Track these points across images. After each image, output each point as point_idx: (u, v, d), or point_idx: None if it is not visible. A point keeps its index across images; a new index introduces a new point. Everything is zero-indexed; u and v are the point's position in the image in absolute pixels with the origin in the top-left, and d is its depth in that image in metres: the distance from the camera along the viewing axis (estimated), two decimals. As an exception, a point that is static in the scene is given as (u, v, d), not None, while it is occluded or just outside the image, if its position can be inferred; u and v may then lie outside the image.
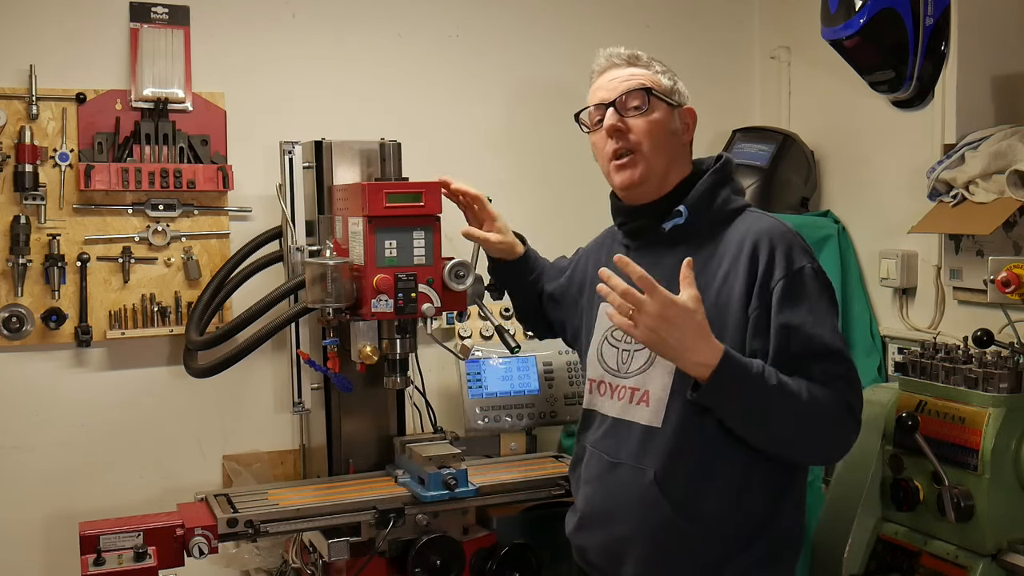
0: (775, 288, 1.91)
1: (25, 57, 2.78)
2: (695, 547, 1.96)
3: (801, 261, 1.94)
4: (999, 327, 2.42)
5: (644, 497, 1.97)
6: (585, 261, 2.33)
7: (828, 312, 1.95)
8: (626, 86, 2.07)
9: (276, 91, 3.05)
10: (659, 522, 1.96)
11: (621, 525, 2.01)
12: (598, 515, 2.07)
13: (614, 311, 1.86)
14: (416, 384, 2.80)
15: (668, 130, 2.08)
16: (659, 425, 1.97)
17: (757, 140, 3.30)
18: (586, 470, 2.13)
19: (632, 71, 2.10)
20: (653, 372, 2.00)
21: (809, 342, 1.88)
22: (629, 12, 3.49)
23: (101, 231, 2.87)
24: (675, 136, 2.10)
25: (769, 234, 1.97)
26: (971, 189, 2.61)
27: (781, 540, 2.01)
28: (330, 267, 2.36)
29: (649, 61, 2.13)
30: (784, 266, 1.92)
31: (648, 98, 2.06)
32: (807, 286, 1.92)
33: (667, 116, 2.08)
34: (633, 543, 2.00)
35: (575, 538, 2.16)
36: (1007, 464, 2.17)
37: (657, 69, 2.12)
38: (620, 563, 2.03)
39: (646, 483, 1.96)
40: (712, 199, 2.06)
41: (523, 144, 3.35)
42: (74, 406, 2.88)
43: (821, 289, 1.95)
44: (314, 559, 2.47)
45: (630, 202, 2.13)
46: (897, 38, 2.77)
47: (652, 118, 2.06)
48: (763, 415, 1.86)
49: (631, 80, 2.08)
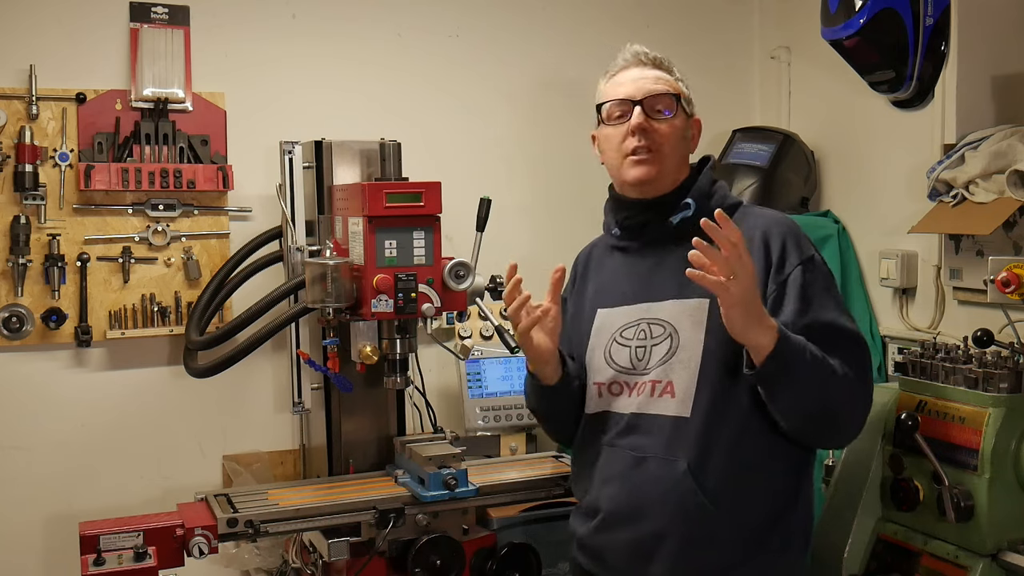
0: (792, 274, 1.99)
1: (25, 57, 2.78)
2: (724, 537, 1.96)
3: (810, 250, 2.04)
4: (999, 327, 2.42)
5: (677, 489, 1.96)
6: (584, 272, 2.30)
7: (839, 298, 2.05)
8: (656, 88, 2.10)
9: (276, 91, 3.05)
10: (693, 513, 1.95)
11: (652, 521, 1.98)
12: (624, 513, 2.03)
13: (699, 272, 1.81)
14: (416, 384, 2.80)
15: (684, 137, 2.14)
16: (688, 415, 1.97)
17: (757, 140, 3.30)
18: (605, 469, 2.08)
19: (659, 74, 2.13)
20: (675, 363, 2.01)
21: (829, 327, 1.95)
22: (629, 12, 3.49)
23: (101, 231, 2.87)
24: (686, 143, 2.16)
25: (779, 224, 2.06)
26: (971, 189, 2.61)
27: (797, 528, 2.04)
28: (330, 267, 2.36)
29: (671, 67, 2.17)
30: (798, 254, 2.01)
31: (676, 105, 2.11)
32: (820, 273, 2.02)
33: (684, 124, 2.14)
34: (664, 538, 1.98)
35: (593, 540, 2.10)
36: (1007, 464, 2.16)
37: (679, 77, 2.16)
38: (648, 561, 2.00)
39: (679, 474, 1.95)
40: (711, 194, 2.12)
41: (523, 143, 3.35)
42: (74, 406, 2.88)
43: (831, 277, 2.06)
44: (314, 559, 2.47)
45: (636, 196, 2.13)
46: (897, 38, 2.77)
47: (675, 123, 2.11)
48: (812, 384, 1.90)
49: (660, 83, 2.11)
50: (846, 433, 2.05)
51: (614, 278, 2.18)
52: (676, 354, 2.01)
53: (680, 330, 2.02)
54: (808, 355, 1.88)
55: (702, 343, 1.99)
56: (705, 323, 1.99)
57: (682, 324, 2.02)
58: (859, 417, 2.01)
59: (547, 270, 2.07)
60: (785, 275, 1.99)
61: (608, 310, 2.15)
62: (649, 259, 2.11)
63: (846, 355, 1.94)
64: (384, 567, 2.41)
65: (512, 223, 3.27)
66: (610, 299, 2.16)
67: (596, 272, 2.24)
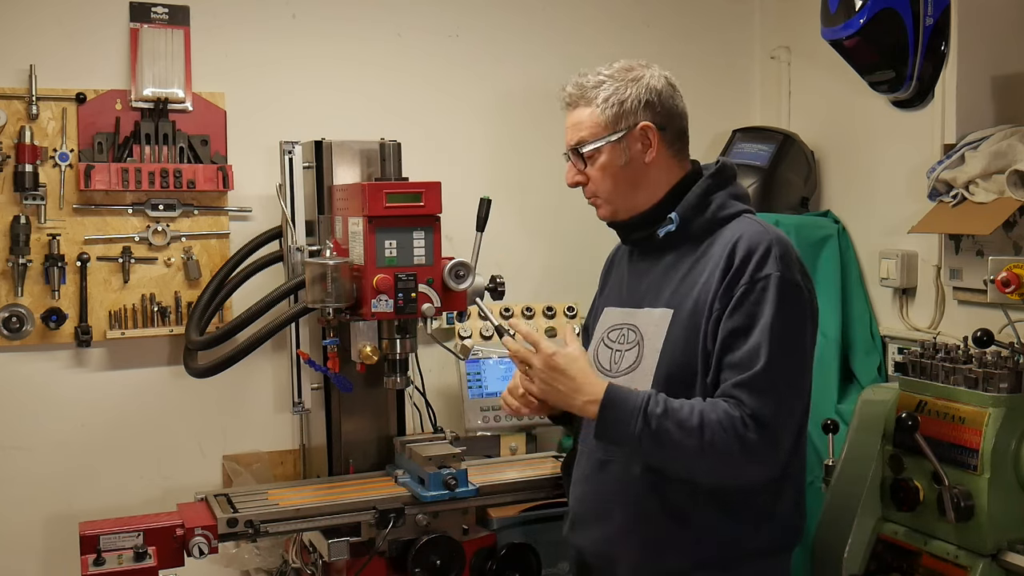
0: (737, 293, 1.89)
1: (25, 57, 2.78)
2: (689, 542, 1.96)
3: (771, 269, 1.89)
4: (999, 327, 2.42)
5: (635, 493, 1.98)
6: (608, 270, 2.32)
7: (783, 322, 1.87)
8: (569, 139, 2.09)
9: (276, 91, 3.05)
10: (652, 517, 1.96)
11: (612, 522, 2.01)
12: (590, 514, 2.07)
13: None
14: (416, 384, 2.80)
15: (619, 167, 2.04)
16: None
17: (757, 140, 3.30)
18: (577, 470, 2.14)
19: (574, 119, 2.07)
20: (638, 372, 2.01)
21: (744, 351, 1.86)
22: (629, 11, 3.49)
23: (101, 231, 2.87)
24: (631, 165, 2.04)
25: (749, 239, 1.93)
26: (971, 189, 2.61)
27: (777, 533, 2.01)
28: (330, 267, 2.36)
29: (591, 90, 2.05)
30: (752, 272, 1.90)
31: (597, 152, 2.04)
32: (768, 294, 1.87)
33: (614, 154, 2.04)
34: (625, 540, 2.00)
35: (571, 539, 2.16)
36: (1007, 464, 2.16)
37: (600, 99, 2.03)
38: (614, 561, 2.03)
39: (636, 478, 1.97)
40: (705, 205, 2.03)
41: (523, 143, 3.35)
42: (74, 406, 2.88)
43: (786, 299, 1.88)
44: (314, 559, 2.47)
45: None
46: (897, 38, 2.77)
47: (600, 164, 2.05)
48: (655, 444, 1.86)
49: (576, 130, 2.07)
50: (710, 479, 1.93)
51: (621, 279, 2.20)
52: (641, 363, 2.01)
53: (646, 338, 2.02)
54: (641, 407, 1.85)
55: (658, 352, 1.98)
56: (665, 333, 1.98)
57: (648, 332, 2.02)
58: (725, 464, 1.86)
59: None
60: (729, 296, 1.90)
61: (608, 309, 2.18)
62: (642, 266, 2.12)
63: (744, 385, 1.83)
64: (384, 567, 2.41)
65: (512, 223, 3.27)
66: (612, 299, 2.20)
67: (616, 270, 2.26)
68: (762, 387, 1.83)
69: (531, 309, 3.27)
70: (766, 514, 1.98)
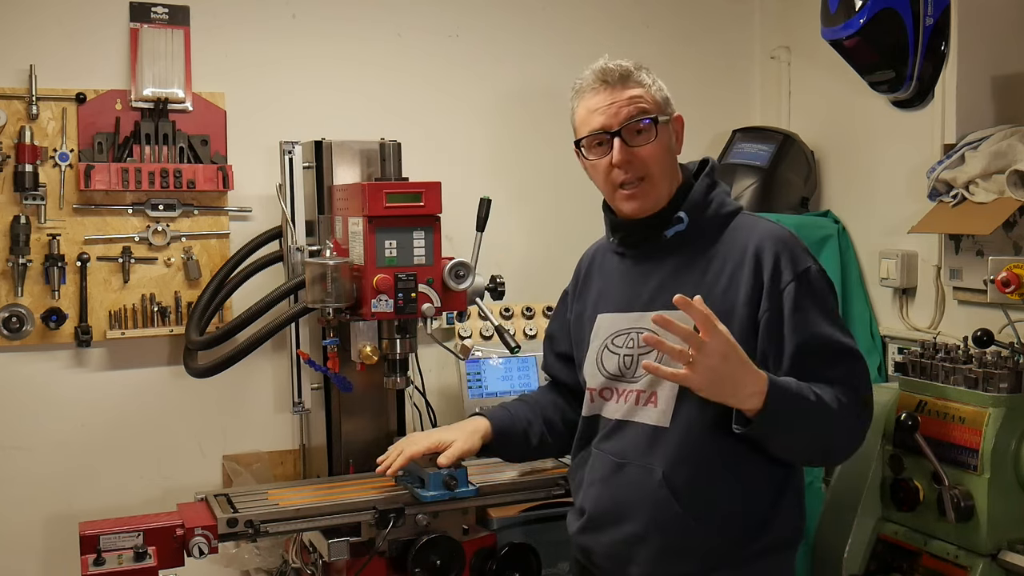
0: (785, 290, 1.93)
1: (25, 57, 2.78)
2: (702, 544, 1.96)
3: (806, 262, 1.97)
4: (999, 327, 2.42)
5: (653, 496, 1.97)
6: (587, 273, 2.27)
7: (835, 310, 1.99)
8: (629, 112, 1.98)
9: (276, 91, 3.05)
10: (668, 520, 1.96)
11: (630, 525, 2.00)
12: (606, 516, 2.05)
13: (655, 363, 1.82)
14: (416, 384, 2.80)
15: (669, 149, 2.04)
16: (667, 425, 1.97)
17: (757, 140, 3.30)
18: (591, 472, 2.11)
19: (631, 93, 1.99)
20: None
21: (826, 343, 1.92)
22: (629, 11, 3.49)
23: (101, 231, 2.87)
24: (673, 152, 2.06)
25: (771, 238, 1.98)
26: (971, 189, 2.61)
27: (783, 532, 2.02)
28: (330, 267, 2.36)
29: (640, 72, 2.02)
30: (791, 269, 1.94)
31: (655, 127, 1.99)
32: (815, 287, 1.95)
33: (668, 136, 2.03)
34: (642, 542, 1.99)
35: (580, 539, 2.14)
36: (1007, 464, 2.17)
37: (649, 81, 2.02)
38: (627, 563, 2.03)
39: (655, 482, 1.96)
40: (707, 204, 2.05)
41: (523, 144, 3.35)
42: (74, 406, 2.88)
43: (828, 288, 1.99)
44: (314, 559, 2.47)
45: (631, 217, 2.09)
46: (897, 38, 2.77)
47: (660, 141, 2.00)
48: (806, 431, 1.89)
49: (633, 105, 1.99)
50: (839, 460, 2.08)
51: (613, 283, 2.16)
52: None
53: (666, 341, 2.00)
54: (802, 405, 1.84)
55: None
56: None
57: (668, 336, 2.00)
58: (855, 445, 1.98)
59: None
60: (778, 294, 1.93)
61: (605, 315, 2.14)
62: (644, 268, 2.09)
63: (842, 374, 1.91)
64: (384, 567, 2.41)
65: (511, 223, 3.27)
66: (608, 305, 2.15)
67: (599, 275, 2.22)
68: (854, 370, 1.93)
69: (531, 309, 3.27)
70: (769, 514, 1.99)
